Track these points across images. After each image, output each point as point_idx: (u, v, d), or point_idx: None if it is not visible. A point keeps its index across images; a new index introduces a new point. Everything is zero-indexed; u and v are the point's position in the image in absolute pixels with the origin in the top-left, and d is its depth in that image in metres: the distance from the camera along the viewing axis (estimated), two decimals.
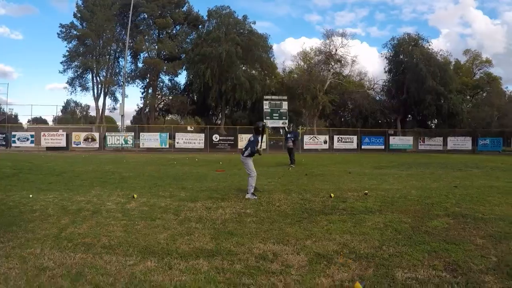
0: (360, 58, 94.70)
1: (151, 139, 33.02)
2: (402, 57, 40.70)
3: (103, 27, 37.07)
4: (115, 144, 32.82)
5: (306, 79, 38.83)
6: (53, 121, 62.32)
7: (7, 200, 7.04)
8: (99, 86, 40.55)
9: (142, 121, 42.33)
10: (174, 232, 4.90)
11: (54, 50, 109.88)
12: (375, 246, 4.26)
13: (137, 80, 42.32)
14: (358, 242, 4.39)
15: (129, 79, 41.03)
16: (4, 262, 3.70)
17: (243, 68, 39.12)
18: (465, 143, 35.72)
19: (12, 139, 32.66)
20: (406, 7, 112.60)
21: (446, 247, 4.21)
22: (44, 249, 4.12)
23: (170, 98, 42.20)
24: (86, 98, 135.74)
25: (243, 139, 33.28)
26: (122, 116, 35.99)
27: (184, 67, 39.81)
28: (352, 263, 3.73)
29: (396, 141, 37.12)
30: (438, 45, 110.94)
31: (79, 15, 38.55)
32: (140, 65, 41.44)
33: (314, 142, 35.37)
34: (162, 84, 43.80)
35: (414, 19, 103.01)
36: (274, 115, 35.47)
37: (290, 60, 50.19)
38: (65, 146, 31.93)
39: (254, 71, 39.60)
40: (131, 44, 38.45)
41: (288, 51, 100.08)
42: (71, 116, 69.75)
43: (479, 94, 48.65)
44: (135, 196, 7.41)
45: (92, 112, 43.76)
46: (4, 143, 33.46)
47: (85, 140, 32.78)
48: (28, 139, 32.96)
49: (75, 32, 38.16)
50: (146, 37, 39.63)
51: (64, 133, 33.11)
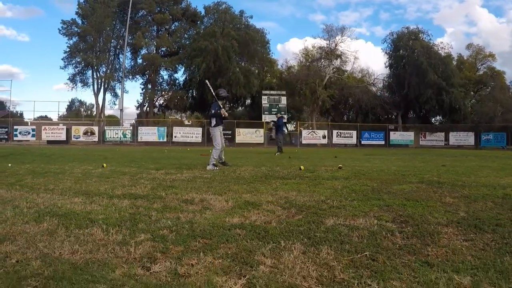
0: (365, 58, 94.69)
1: (149, 133, 33.05)
2: (402, 51, 39.88)
3: (103, 23, 37.11)
4: (114, 137, 32.88)
5: (305, 73, 38.52)
6: (58, 118, 62.78)
7: None
8: (99, 81, 40.65)
9: (142, 116, 42.35)
10: (119, 185, 5.01)
11: (60, 51, 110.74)
12: (319, 200, 3.91)
13: (137, 76, 42.35)
14: (302, 197, 4.09)
15: (129, 75, 41.12)
16: None
17: (241, 63, 38.95)
18: (467, 138, 35.16)
19: (14, 133, 32.99)
20: (410, 6, 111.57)
21: (404, 203, 3.69)
22: None
23: (170, 93, 42.14)
24: (87, 94, 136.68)
25: (241, 134, 33.19)
26: (121, 110, 36.12)
27: (181, 63, 39.71)
28: (280, 210, 3.47)
29: (396, 136, 36.66)
30: (436, 40, 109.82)
31: (80, 12, 38.69)
32: (139, 61, 41.45)
33: (312, 136, 35.10)
34: (161, 80, 43.76)
35: (419, 18, 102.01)
36: (273, 110, 35.23)
37: (293, 58, 49.74)
38: (65, 139, 32.14)
39: (252, 66, 39.35)
40: (131, 41, 38.47)
41: (292, 51, 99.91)
42: (75, 114, 70.07)
43: (482, 89, 47.64)
44: (105, 165, 7.50)
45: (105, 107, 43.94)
46: (6, 137, 33.79)
47: (84, 134, 32.91)
48: (29, 133, 33.30)
49: (76, 29, 38.34)
50: (146, 33, 39.60)
51: (64, 127, 33.33)
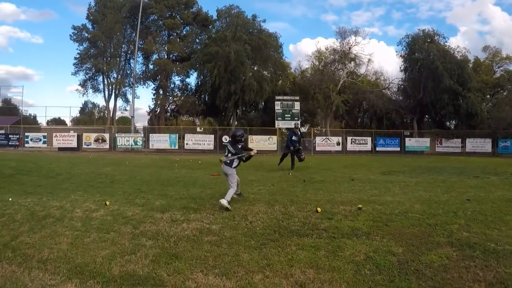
0: (377, 58, 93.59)
1: (160, 140, 32.80)
2: (417, 54, 38.90)
3: (114, 29, 36.97)
4: (125, 145, 32.72)
5: (318, 78, 37.86)
6: (71, 121, 63.43)
7: None
8: (110, 87, 40.56)
9: (153, 122, 42.20)
10: (119, 249, 4.46)
11: (73, 53, 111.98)
12: None
13: (148, 81, 42.21)
14: (320, 283, 3.55)
15: (140, 80, 40.97)
16: None
17: (254, 68, 38.48)
18: (484, 145, 34.12)
19: (26, 140, 33.28)
20: (423, 5, 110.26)
21: None
22: None
23: (181, 99, 41.91)
24: (98, 100, 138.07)
25: (254, 141, 32.66)
26: (132, 117, 35.91)
27: (193, 68, 39.38)
28: None
29: (412, 142, 35.82)
30: (456, 43, 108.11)
31: (91, 18, 38.68)
32: (151, 66, 41.24)
33: (326, 143, 34.44)
34: (173, 85, 43.62)
35: (431, 17, 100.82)
36: (286, 115, 34.73)
37: (306, 60, 49.15)
38: (76, 147, 32.15)
39: (265, 71, 38.82)
40: (142, 46, 38.27)
41: (304, 52, 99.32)
42: (89, 117, 70.54)
43: (499, 93, 46.19)
44: (107, 203, 7.00)
45: (116, 113, 43.96)
46: (17, 143, 34.03)
47: (95, 141, 32.87)
48: (40, 140, 33.55)
49: (86, 35, 38.32)
50: (157, 38, 39.37)
51: (75, 134, 33.33)
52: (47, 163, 17.39)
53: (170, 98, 43.28)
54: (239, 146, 7.28)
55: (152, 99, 43.37)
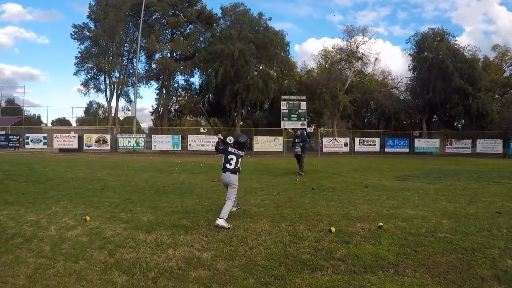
0: (383, 58, 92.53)
1: (163, 141, 31.93)
2: (426, 53, 37.98)
3: (116, 27, 36.12)
4: (126, 146, 31.90)
5: (325, 78, 36.85)
6: (76, 121, 63.09)
7: None
8: (112, 87, 39.76)
9: (156, 122, 41.38)
10: None
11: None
12: None
13: (151, 81, 41.33)
14: None
15: (143, 80, 40.13)
16: None
17: (260, 67, 37.53)
18: (495, 146, 33.10)
19: (26, 141, 32.67)
20: (428, 5, 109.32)
21: None
22: None
23: (185, 99, 41.03)
24: (102, 100, 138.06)
25: (259, 142, 31.70)
26: (134, 117, 35.10)
27: (196, 67, 38.47)
28: None
29: (421, 143, 34.80)
30: (462, 42, 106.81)
31: (93, 16, 37.88)
32: (154, 65, 40.36)
33: (334, 144, 33.41)
34: (176, 84, 42.77)
35: (436, 17, 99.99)
36: (292, 116, 33.79)
37: (312, 59, 48.03)
38: (77, 148, 31.42)
39: (271, 70, 37.84)
40: (145, 45, 37.42)
41: (310, 52, 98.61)
42: (93, 117, 70.03)
43: (509, 93, 45.41)
44: (88, 219, 6.07)
45: (119, 113, 43.21)
46: (17, 144, 33.44)
47: (96, 142, 32.10)
48: (41, 141, 32.89)
49: (88, 33, 37.53)
50: (160, 37, 38.47)
51: (76, 135, 32.60)
52: (42, 166, 16.79)
53: (174, 98, 42.44)
54: (238, 153, 6.24)
55: (155, 99, 42.58)
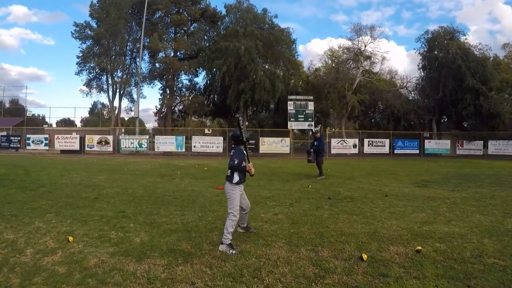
0: (388, 57, 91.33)
1: (166, 143, 31.00)
2: (437, 52, 36.73)
3: (117, 26, 35.26)
4: (129, 147, 31.04)
5: (333, 77, 35.78)
6: (80, 122, 62.62)
7: None
8: (114, 87, 38.91)
9: (160, 123, 40.55)
10: None
11: None
12: None
13: (154, 81, 40.41)
14: None
15: (146, 79, 39.24)
16: None
17: (266, 66, 36.55)
18: (508, 147, 31.86)
19: (27, 142, 32.02)
20: (432, 5, 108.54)
21: None
22: None
23: (189, 99, 40.13)
24: (104, 100, 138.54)
25: (265, 143, 30.74)
26: (137, 118, 34.23)
27: (201, 66, 37.55)
28: None
29: (432, 145, 33.64)
30: (471, 41, 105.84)
31: (94, 15, 37.08)
32: (157, 65, 39.45)
33: (342, 146, 32.35)
34: (181, 84, 41.84)
35: (441, 16, 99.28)
36: (299, 116, 32.79)
37: (317, 59, 47.02)
38: (78, 149, 30.64)
39: (277, 69, 36.85)
40: (148, 44, 36.56)
41: (314, 52, 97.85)
42: (98, 118, 69.60)
43: None
44: (71, 239, 5.14)
45: (122, 114, 42.45)
46: (19, 145, 32.78)
47: (98, 143, 31.26)
48: (42, 142, 32.20)
49: (89, 32, 36.73)
50: (163, 35, 37.60)
51: (78, 136, 31.81)
52: (39, 169, 15.95)
53: (178, 98, 41.54)
54: (241, 154, 4.99)
55: (159, 99, 41.72)
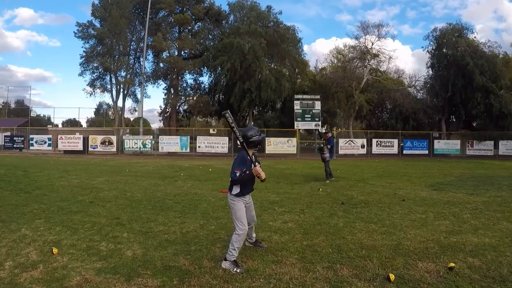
0: (395, 55, 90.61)
1: (170, 143, 30.49)
2: (445, 50, 35.83)
3: (119, 25, 34.79)
4: (133, 148, 30.58)
5: (340, 76, 35.03)
6: (86, 122, 62.53)
7: None
8: (118, 87, 38.52)
9: (164, 123, 40.09)
10: None
11: None
12: None
13: (159, 80, 39.95)
14: None
15: (150, 79, 38.82)
16: None
17: (271, 65, 35.92)
18: None
19: (30, 142, 31.79)
20: (437, 3, 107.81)
21: None
22: None
23: (194, 98, 39.65)
24: (108, 100, 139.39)
25: (271, 143, 30.13)
26: (140, 118, 33.75)
27: (205, 65, 36.99)
28: None
29: (441, 145, 32.95)
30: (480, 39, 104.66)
31: (96, 15, 36.66)
32: (161, 64, 38.96)
33: (350, 146, 31.65)
34: (185, 84, 41.38)
35: (446, 15, 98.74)
36: (306, 116, 32.16)
37: (323, 59, 46.18)
38: (82, 149, 30.25)
39: (283, 69, 36.22)
40: (151, 43, 36.07)
41: (319, 52, 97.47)
42: (103, 118, 69.48)
43: None
44: (55, 251, 4.56)
45: (126, 114, 42.10)
46: (22, 146, 32.53)
47: (102, 143, 30.83)
48: (45, 142, 32.01)
49: (92, 32, 36.33)
50: (167, 35, 37.11)
51: (81, 136, 31.45)
52: (39, 170, 15.53)
53: (182, 97, 41.05)
54: (243, 159, 4.26)
55: (163, 99, 41.31)
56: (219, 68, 34.05)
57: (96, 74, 37.72)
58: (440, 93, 36.11)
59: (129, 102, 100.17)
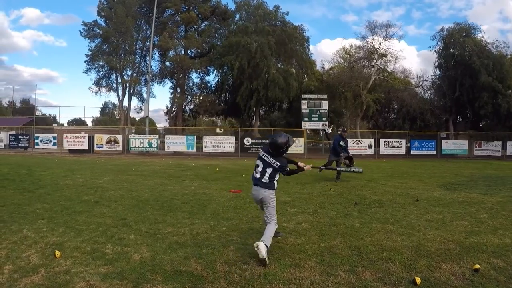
0: (403, 55, 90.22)
1: (176, 142, 30.32)
2: (453, 50, 35.55)
3: (125, 23, 34.72)
4: (138, 147, 30.44)
5: (348, 76, 34.72)
6: (92, 121, 62.67)
7: None
8: (124, 86, 38.43)
9: (170, 122, 39.97)
10: None
11: None
12: None
13: (165, 79, 39.89)
14: None
15: (156, 78, 38.74)
16: None
17: (278, 64, 35.68)
18: None
19: (36, 141, 31.69)
20: (443, 4, 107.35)
21: None
22: None
23: (200, 98, 39.51)
24: (113, 99, 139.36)
25: None
26: (147, 117, 33.63)
27: (212, 64, 36.81)
28: None
29: (449, 145, 32.64)
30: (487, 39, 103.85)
31: (102, 14, 36.63)
32: (168, 63, 38.88)
33: (358, 146, 31.34)
34: (192, 83, 41.23)
35: (452, 15, 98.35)
36: (313, 116, 31.94)
37: (329, 59, 45.83)
38: (87, 149, 30.15)
39: (290, 68, 35.97)
40: (157, 42, 35.95)
41: (324, 53, 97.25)
42: (109, 117, 69.66)
43: None
44: (58, 254, 4.32)
45: (132, 113, 42.06)
46: (27, 144, 32.50)
47: (107, 142, 30.72)
48: (50, 141, 31.87)
49: (98, 31, 36.30)
50: (173, 34, 36.98)
51: (86, 135, 31.35)
52: (43, 169, 15.31)
53: (189, 97, 40.92)
54: (284, 159, 4.80)
55: (170, 98, 41.24)
56: (226, 67, 33.86)
57: (102, 73, 37.78)
58: (448, 93, 35.78)
59: (135, 102, 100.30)
